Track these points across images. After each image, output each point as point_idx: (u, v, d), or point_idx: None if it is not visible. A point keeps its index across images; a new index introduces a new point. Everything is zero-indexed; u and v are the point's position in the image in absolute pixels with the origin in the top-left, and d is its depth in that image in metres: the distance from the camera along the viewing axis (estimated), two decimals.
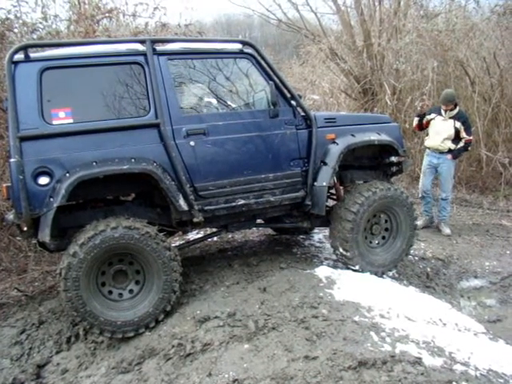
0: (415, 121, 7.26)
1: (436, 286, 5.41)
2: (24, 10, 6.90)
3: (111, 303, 3.87)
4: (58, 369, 3.77)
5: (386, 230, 5.09)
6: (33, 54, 3.84)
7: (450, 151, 6.97)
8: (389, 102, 10.13)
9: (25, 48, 3.72)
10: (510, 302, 5.25)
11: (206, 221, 4.29)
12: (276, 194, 4.51)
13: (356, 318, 3.61)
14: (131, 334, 3.84)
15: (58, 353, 3.97)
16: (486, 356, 3.32)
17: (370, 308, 3.82)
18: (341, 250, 4.75)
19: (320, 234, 6.32)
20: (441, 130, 6.92)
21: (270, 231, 6.49)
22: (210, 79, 4.45)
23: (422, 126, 7.26)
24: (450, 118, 6.89)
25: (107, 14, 7.86)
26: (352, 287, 4.20)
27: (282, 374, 3.06)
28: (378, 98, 10.75)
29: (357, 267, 4.74)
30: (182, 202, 4.00)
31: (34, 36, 6.95)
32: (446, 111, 6.90)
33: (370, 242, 4.98)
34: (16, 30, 6.84)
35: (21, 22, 6.86)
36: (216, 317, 3.77)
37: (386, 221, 5.05)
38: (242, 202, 4.34)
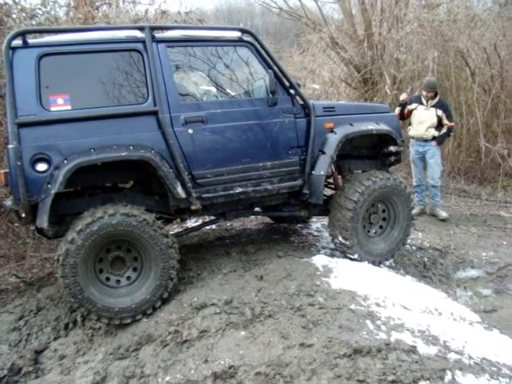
0: (397, 110, 7.30)
1: (433, 276, 5.45)
2: None
3: (109, 290, 3.88)
4: (55, 355, 3.80)
5: (384, 219, 5.10)
6: (31, 40, 3.81)
7: (434, 138, 7.16)
8: (389, 92, 10.10)
9: (23, 34, 3.69)
10: (505, 292, 5.29)
11: (204, 209, 4.29)
12: (274, 183, 4.52)
13: (352, 307, 3.62)
14: (128, 321, 3.85)
15: (55, 339, 3.99)
16: (481, 345, 3.34)
17: (366, 296, 3.83)
18: (340, 238, 4.75)
19: (318, 223, 6.34)
20: (424, 119, 7.11)
21: (267, 220, 6.51)
22: (209, 67, 4.43)
23: (404, 116, 7.36)
24: (432, 106, 7.08)
25: (107, 1, 7.83)
26: (348, 276, 4.21)
27: (277, 361, 3.09)
28: (378, 88, 10.71)
29: (355, 256, 4.76)
30: (179, 189, 4.00)
31: (33, 22, 6.91)
32: (427, 100, 7.09)
33: (368, 232, 4.99)
34: (14, 16, 6.80)
35: (19, 7, 6.81)
36: (213, 304, 3.79)
37: (384, 210, 5.06)
38: (239, 189, 4.34)
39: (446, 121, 7.08)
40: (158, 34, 4.14)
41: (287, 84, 4.59)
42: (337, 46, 11.39)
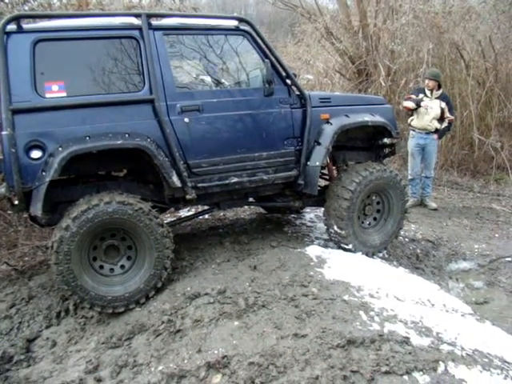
0: (410, 105, 7.23)
1: (425, 268, 5.47)
2: None
3: (102, 278, 3.86)
4: (47, 343, 3.77)
5: (378, 211, 5.11)
6: (26, 25, 3.73)
7: (435, 131, 7.23)
8: (383, 83, 10.09)
9: (17, 18, 3.61)
10: (497, 284, 5.32)
11: (199, 198, 4.27)
12: (269, 173, 4.51)
13: (345, 297, 3.63)
14: (121, 310, 3.84)
15: (47, 327, 3.95)
16: (473, 337, 3.36)
17: (360, 287, 3.84)
18: (335, 227, 4.75)
19: (311, 214, 6.33)
20: (429, 110, 7.13)
21: (261, 210, 6.49)
22: (206, 56, 4.39)
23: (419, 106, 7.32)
24: (436, 98, 7.14)
25: None
26: (342, 267, 4.22)
27: (271, 351, 3.09)
28: (372, 79, 10.69)
29: (350, 246, 4.77)
30: (175, 178, 3.97)
31: (26, 8, 6.82)
32: (431, 92, 7.14)
33: (362, 223, 5.00)
34: (7, 1, 6.71)
35: None
36: (206, 294, 3.78)
37: (379, 202, 5.07)
38: (235, 179, 4.32)
39: (447, 114, 7.15)
40: (155, 22, 4.09)
41: (284, 74, 4.57)
42: (331, 36, 11.34)
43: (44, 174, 3.57)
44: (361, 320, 3.34)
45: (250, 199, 5.11)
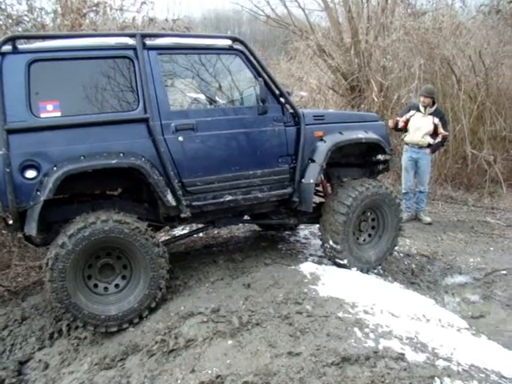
0: (390, 124, 7.39)
1: (421, 282, 5.45)
2: (9, 1, 6.83)
3: (96, 297, 3.83)
4: (40, 365, 3.73)
5: (373, 228, 5.12)
6: (21, 46, 3.75)
7: (428, 146, 7.29)
8: (376, 99, 10.16)
9: (13, 39, 3.63)
10: (493, 298, 5.29)
11: (194, 216, 4.27)
12: (264, 191, 4.51)
13: (340, 314, 3.61)
14: (114, 329, 3.81)
15: (40, 349, 3.92)
16: (469, 351, 3.35)
17: (354, 304, 3.83)
18: (331, 242, 4.75)
19: (306, 231, 6.32)
20: (421, 126, 7.23)
21: (255, 227, 6.48)
22: (200, 75, 4.43)
23: (401, 129, 7.55)
24: (429, 114, 7.21)
25: (94, 8, 7.79)
26: (336, 283, 4.21)
27: (265, 369, 3.06)
28: (365, 95, 10.76)
29: (345, 261, 4.76)
30: (170, 197, 3.97)
31: (19, 29, 6.86)
32: (425, 108, 7.21)
33: (357, 239, 5.00)
34: (0, 22, 6.75)
35: (5, 14, 6.77)
36: (200, 313, 3.75)
37: (374, 219, 5.09)
38: (229, 197, 4.32)
39: (441, 129, 7.21)
40: (149, 42, 4.10)
41: (277, 92, 4.60)
42: (324, 53, 11.43)
43: (39, 193, 3.56)
44: (355, 337, 3.32)
45: (245, 217, 5.12)
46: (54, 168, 3.59)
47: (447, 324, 3.86)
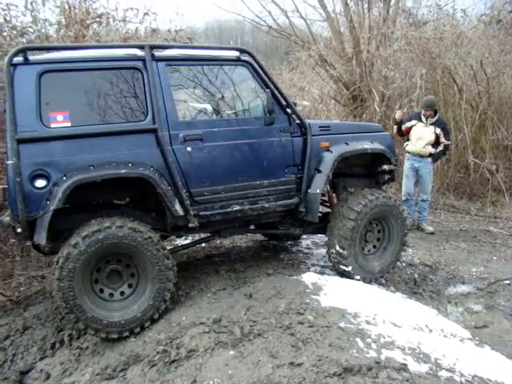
0: (394, 128, 7.65)
1: (423, 292, 5.42)
2: (13, 13, 6.89)
3: (101, 302, 3.86)
4: (41, 375, 3.73)
5: (378, 239, 5.15)
6: (32, 57, 3.82)
7: (430, 155, 7.32)
8: (377, 109, 10.19)
9: (24, 51, 3.71)
10: (496, 307, 5.26)
11: (201, 226, 4.30)
12: (270, 201, 4.56)
13: (342, 324, 3.60)
14: (115, 336, 3.82)
15: (41, 359, 3.93)
16: (472, 362, 3.32)
17: (356, 314, 3.81)
18: (337, 247, 4.76)
19: (308, 240, 6.32)
20: (422, 136, 7.27)
21: (257, 237, 6.48)
22: (208, 86, 4.50)
23: (403, 133, 7.60)
24: (431, 124, 7.24)
25: (97, 19, 7.85)
26: (338, 293, 4.19)
27: (266, 380, 3.04)
28: (366, 105, 10.79)
29: (349, 268, 4.77)
30: (178, 207, 4.02)
31: (24, 40, 6.92)
32: (426, 118, 7.25)
33: (363, 249, 5.01)
34: (5, 34, 6.81)
35: (10, 25, 6.83)
36: (201, 323, 3.75)
37: (379, 230, 5.12)
38: (236, 207, 4.37)
39: (443, 139, 7.24)
40: (158, 53, 4.16)
41: (284, 103, 4.64)
42: (326, 63, 11.47)
43: (48, 202, 3.61)
44: (357, 347, 3.30)
45: (252, 227, 5.15)
46: (64, 178, 3.65)
47: (450, 334, 3.84)
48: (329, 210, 5.15)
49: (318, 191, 4.65)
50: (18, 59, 3.68)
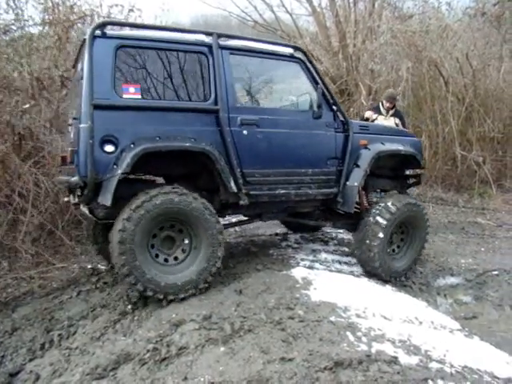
0: (373, 115, 7.68)
1: (413, 285, 5.45)
2: None
3: (158, 265, 4.06)
4: (30, 376, 3.65)
5: (401, 239, 5.42)
6: (110, 32, 4.08)
7: None
8: (364, 103, 10.20)
9: (103, 25, 4.01)
10: (485, 298, 5.31)
11: (248, 206, 4.54)
12: (312, 188, 4.87)
13: (332, 319, 3.60)
14: (171, 298, 4.01)
15: (31, 360, 3.87)
16: (462, 353, 3.35)
17: (347, 308, 3.82)
18: (367, 241, 4.97)
19: (297, 235, 6.32)
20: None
21: (245, 233, 6.48)
22: (264, 76, 4.95)
23: None
24: (391, 116, 7.50)
25: (81, 20, 7.78)
26: (328, 287, 4.20)
27: (258, 376, 3.03)
28: (353, 99, 10.81)
29: (377, 266, 4.98)
30: (232, 184, 4.29)
31: (6, 38, 6.88)
32: (387, 110, 7.49)
33: (388, 249, 5.20)
34: None
35: None
36: (192, 320, 3.72)
37: (403, 232, 5.37)
38: (282, 191, 4.66)
39: (401, 128, 7.35)
40: (223, 42, 4.46)
41: (331, 100, 4.99)
42: (312, 57, 11.45)
43: (115, 167, 3.85)
44: (348, 341, 3.31)
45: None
46: (132, 145, 3.89)
47: (440, 326, 3.86)
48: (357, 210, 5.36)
49: (356, 184, 4.98)
50: (97, 32, 3.93)
